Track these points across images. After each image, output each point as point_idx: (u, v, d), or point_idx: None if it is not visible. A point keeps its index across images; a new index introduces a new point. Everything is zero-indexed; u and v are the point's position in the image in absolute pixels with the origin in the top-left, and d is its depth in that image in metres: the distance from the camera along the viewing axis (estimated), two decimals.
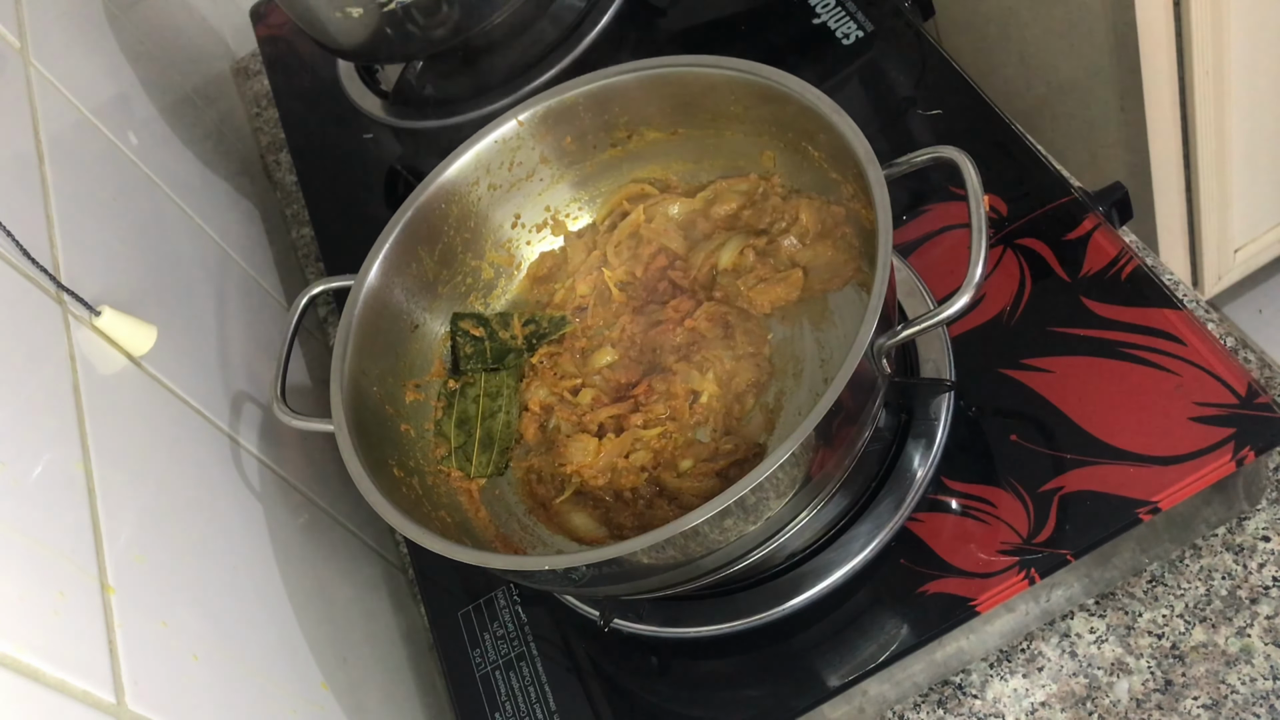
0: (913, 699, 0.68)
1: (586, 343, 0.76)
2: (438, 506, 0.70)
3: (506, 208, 0.78)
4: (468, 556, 0.59)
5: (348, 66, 1.09)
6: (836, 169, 0.68)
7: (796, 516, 0.61)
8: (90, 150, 0.77)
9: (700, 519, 0.54)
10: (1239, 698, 0.62)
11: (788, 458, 0.54)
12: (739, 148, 0.74)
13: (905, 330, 0.56)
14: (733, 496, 0.53)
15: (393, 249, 0.73)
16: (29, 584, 0.46)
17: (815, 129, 0.67)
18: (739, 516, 0.56)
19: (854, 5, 0.90)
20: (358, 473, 0.63)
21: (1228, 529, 0.67)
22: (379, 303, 0.72)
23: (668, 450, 0.69)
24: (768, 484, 0.54)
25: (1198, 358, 0.65)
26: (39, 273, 0.59)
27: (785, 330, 0.71)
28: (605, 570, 0.57)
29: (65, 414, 0.56)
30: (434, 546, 0.59)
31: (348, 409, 0.66)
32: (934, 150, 0.60)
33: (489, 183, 0.76)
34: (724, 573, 0.61)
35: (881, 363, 0.57)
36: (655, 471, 0.69)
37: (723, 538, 0.57)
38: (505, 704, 0.71)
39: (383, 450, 0.69)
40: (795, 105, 0.66)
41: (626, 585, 0.62)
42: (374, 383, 0.71)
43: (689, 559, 0.58)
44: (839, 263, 0.70)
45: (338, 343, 0.69)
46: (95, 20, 0.94)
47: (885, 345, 0.57)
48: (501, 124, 0.75)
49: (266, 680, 0.61)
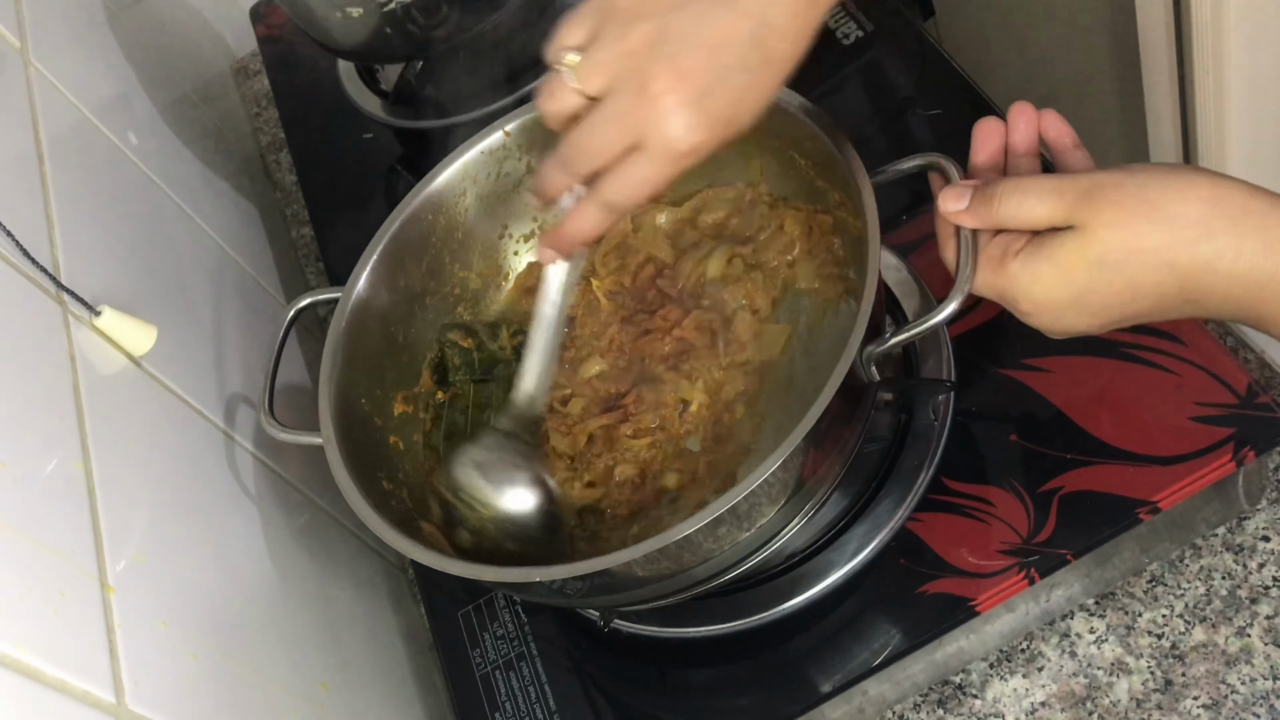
0: (913, 699, 0.68)
1: (575, 353, 0.75)
2: (427, 518, 0.69)
3: (494, 219, 0.78)
4: (458, 569, 0.58)
5: (348, 66, 1.09)
6: (823, 177, 0.68)
7: (789, 523, 0.61)
8: (90, 150, 0.77)
9: (692, 528, 0.53)
10: (1239, 698, 0.62)
11: (777, 466, 0.53)
12: (725, 156, 0.74)
13: (894, 337, 0.56)
14: (723, 507, 0.53)
15: (380, 261, 0.73)
16: (29, 584, 0.46)
17: (801, 136, 0.66)
18: (731, 524, 0.56)
19: (854, 5, 0.90)
20: (347, 485, 0.63)
21: (1228, 529, 0.67)
22: (367, 315, 0.72)
23: (656, 461, 0.69)
24: (760, 490, 0.54)
25: (1198, 357, 0.65)
26: (39, 273, 0.59)
27: (775, 338, 0.70)
28: (597, 582, 0.57)
29: (65, 414, 0.56)
30: (424, 559, 0.59)
31: (336, 422, 0.66)
32: (921, 156, 0.60)
33: (476, 193, 0.76)
34: (719, 580, 0.61)
35: (871, 370, 0.57)
36: (643, 484, 0.69)
37: (716, 545, 0.57)
38: (505, 704, 0.71)
39: (372, 463, 0.68)
40: (780, 112, 0.66)
41: (620, 596, 0.62)
42: (362, 395, 0.70)
43: (682, 568, 0.58)
44: (827, 271, 0.70)
45: (325, 355, 0.69)
46: (95, 20, 0.94)
47: (874, 352, 0.57)
48: (488, 135, 0.74)
49: (266, 680, 0.61)
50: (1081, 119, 0.77)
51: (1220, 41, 1.02)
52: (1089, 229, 0.50)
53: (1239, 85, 1.08)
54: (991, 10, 1.18)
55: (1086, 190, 0.50)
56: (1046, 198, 0.51)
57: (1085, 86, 1.11)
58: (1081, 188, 0.51)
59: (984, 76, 0.83)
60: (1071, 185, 0.51)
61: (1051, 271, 0.51)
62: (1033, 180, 0.53)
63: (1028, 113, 0.57)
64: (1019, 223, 0.53)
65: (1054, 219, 0.51)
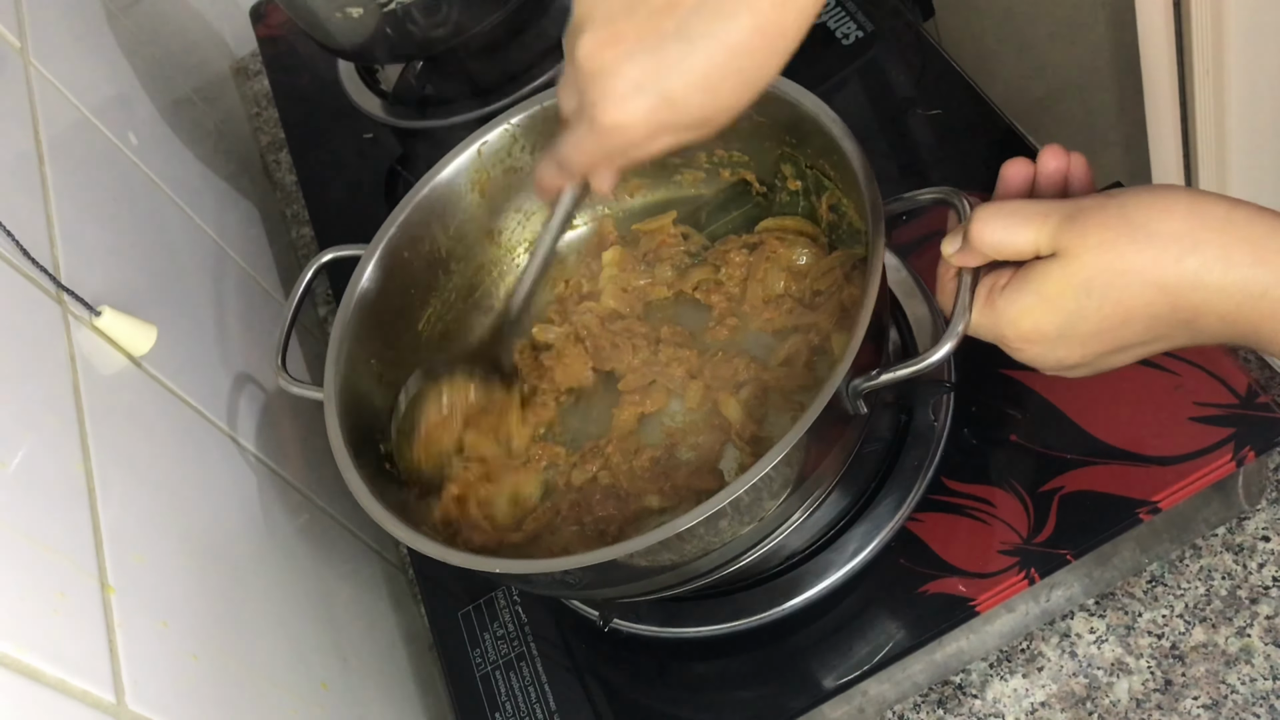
0: (913, 699, 0.68)
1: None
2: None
3: (525, 192, 0.78)
4: (457, 559, 0.58)
5: (348, 66, 1.09)
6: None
7: (788, 518, 0.61)
8: (90, 150, 0.77)
9: (695, 520, 0.53)
10: (1239, 698, 0.62)
11: (756, 480, 0.53)
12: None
13: (883, 375, 0.55)
14: (697, 517, 0.53)
15: (407, 221, 0.73)
16: (29, 584, 0.46)
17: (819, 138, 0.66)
18: (733, 518, 0.56)
19: (854, 5, 0.90)
20: (339, 446, 0.64)
21: (1228, 529, 0.67)
22: (387, 275, 0.72)
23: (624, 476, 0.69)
24: (749, 491, 0.54)
25: (1197, 357, 0.65)
26: (39, 273, 0.59)
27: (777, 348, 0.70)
28: (604, 573, 0.57)
29: (65, 414, 0.56)
30: (420, 545, 0.59)
31: (342, 380, 0.67)
32: (935, 191, 0.59)
33: (510, 165, 0.76)
34: (720, 574, 0.61)
35: (858, 404, 0.57)
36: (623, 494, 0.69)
37: (717, 538, 0.57)
38: (505, 704, 0.71)
39: (372, 424, 0.69)
40: (809, 122, 0.65)
41: (621, 588, 0.62)
42: (373, 355, 0.71)
43: (684, 559, 0.58)
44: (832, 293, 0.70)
45: (340, 310, 0.70)
46: (95, 20, 0.94)
47: (861, 387, 0.56)
48: (534, 105, 0.74)
49: (266, 680, 0.61)
50: (1081, 119, 0.77)
51: (1220, 41, 1.02)
52: (1072, 254, 0.49)
53: (1239, 85, 1.08)
54: (991, 10, 1.18)
55: (1069, 214, 0.49)
56: (1032, 220, 0.50)
57: (1085, 86, 1.11)
58: (1065, 212, 0.50)
59: (984, 76, 0.83)
60: (1055, 209, 0.50)
61: (1037, 302, 0.50)
62: (1016, 204, 0.52)
63: (1058, 155, 0.55)
64: (1004, 250, 0.51)
65: (1039, 245, 0.50)
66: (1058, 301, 0.50)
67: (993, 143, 0.78)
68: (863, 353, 0.55)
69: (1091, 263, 0.49)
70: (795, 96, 0.65)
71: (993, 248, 0.52)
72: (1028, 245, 0.51)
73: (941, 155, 0.81)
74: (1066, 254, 0.49)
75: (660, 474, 0.67)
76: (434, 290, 0.76)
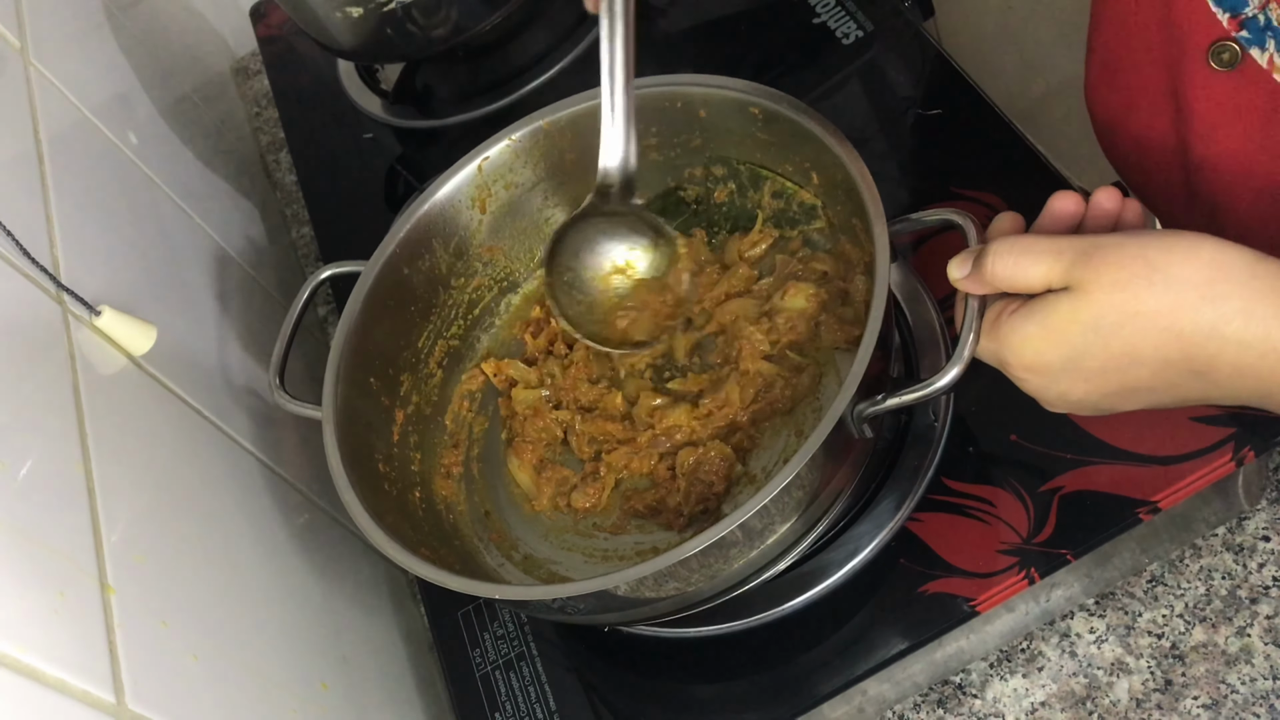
0: (913, 699, 0.68)
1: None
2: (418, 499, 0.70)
3: (532, 207, 0.78)
4: (453, 584, 0.59)
5: (348, 66, 1.09)
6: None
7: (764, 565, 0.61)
8: (90, 150, 0.77)
9: (692, 551, 0.54)
10: (1239, 698, 0.62)
11: (755, 511, 0.54)
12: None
13: (889, 400, 0.55)
14: (699, 546, 0.54)
15: (408, 237, 0.73)
16: (29, 584, 0.46)
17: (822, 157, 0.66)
18: (744, 545, 0.57)
19: (854, 5, 0.90)
20: (336, 467, 0.64)
21: (1228, 529, 0.67)
22: (387, 292, 0.72)
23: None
24: (755, 517, 0.55)
25: None
26: (39, 273, 0.59)
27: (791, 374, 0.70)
28: (596, 602, 0.58)
29: (65, 414, 0.56)
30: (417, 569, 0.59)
31: (340, 398, 0.67)
32: (941, 212, 0.59)
33: (514, 181, 0.76)
34: (723, 599, 0.62)
35: (863, 428, 0.57)
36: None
37: (726, 566, 0.58)
38: (505, 704, 0.71)
39: (370, 441, 0.69)
40: (814, 142, 0.65)
41: (614, 615, 0.62)
42: (372, 374, 0.71)
43: (687, 588, 0.58)
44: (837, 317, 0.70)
45: (340, 326, 0.70)
46: (95, 20, 0.94)
47: (866, 412, 0.56)
48: (538, 118, 0.74)
49: (266, 680, 0.61)
50: (1081, 119, 0.77)
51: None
52: (1085, 290, 0.48)
53: None
54: (991, 10, 1.18)
55: (1085, 251, 0.48)
56: (1044, 258, 0.49)
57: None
58: (1080, 248, 0.49)
59: (984, 76, 0.83)
60: (1070, 246, 0.49)
61: (1041, 333, 0.50)
62: (1030, 239, 0.51)
63: (1114, 198, 0.54)
64: (1015, 285, 0.51)
65: (1050, 280, 0.49)
66: (1062, 335, 0.49)
67: (993, 143, 0.78)
68: (867, 377, 0.55)
69: (1103, 300, 0.48)
70: (812, 127, 0.65)
71: (1004, 283, 0.51)
72: (1039, 281, 0.50)
73: (941, 155, 0.81)
74: (1079, 289, 0.49)
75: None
76: (434, 307, 0.76)
